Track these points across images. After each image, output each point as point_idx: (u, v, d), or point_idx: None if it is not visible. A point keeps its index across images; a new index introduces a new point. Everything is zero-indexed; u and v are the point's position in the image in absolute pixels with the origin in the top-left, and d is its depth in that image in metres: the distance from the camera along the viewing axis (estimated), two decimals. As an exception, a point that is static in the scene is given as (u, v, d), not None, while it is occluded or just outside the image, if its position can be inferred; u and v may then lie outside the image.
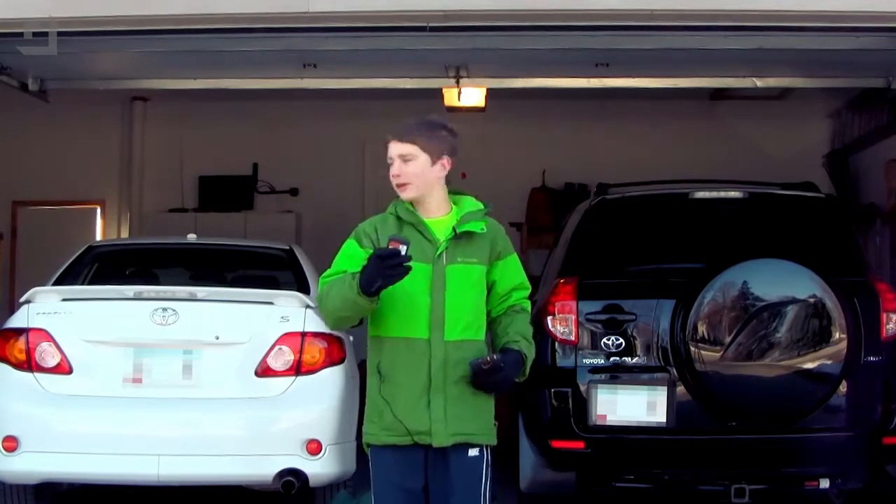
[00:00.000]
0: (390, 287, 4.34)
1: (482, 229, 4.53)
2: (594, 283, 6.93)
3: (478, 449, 4.50)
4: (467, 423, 4.48)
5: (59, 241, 11.68)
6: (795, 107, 12.93)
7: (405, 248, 4.27)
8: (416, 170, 4.48)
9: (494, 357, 4.47)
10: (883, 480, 7.11)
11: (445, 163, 4.53)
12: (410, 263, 4.31)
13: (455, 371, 4.46)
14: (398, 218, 4.55)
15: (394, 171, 4.49)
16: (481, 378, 4.44)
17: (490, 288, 4.59)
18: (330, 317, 4.52)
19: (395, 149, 4.50)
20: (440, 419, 4.43)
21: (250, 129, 13.73)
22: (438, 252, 4.47)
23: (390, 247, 4.27)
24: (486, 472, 4.52)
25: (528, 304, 4.68)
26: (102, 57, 9.52)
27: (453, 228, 4.50)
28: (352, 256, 4.51)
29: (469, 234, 4.51)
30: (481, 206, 4.60)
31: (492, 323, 4.65)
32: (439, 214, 4.55)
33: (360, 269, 4.36)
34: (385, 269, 4.25)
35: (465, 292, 4.48)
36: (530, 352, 4.57)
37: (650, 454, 6.79)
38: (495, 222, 4.63)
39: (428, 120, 4.58)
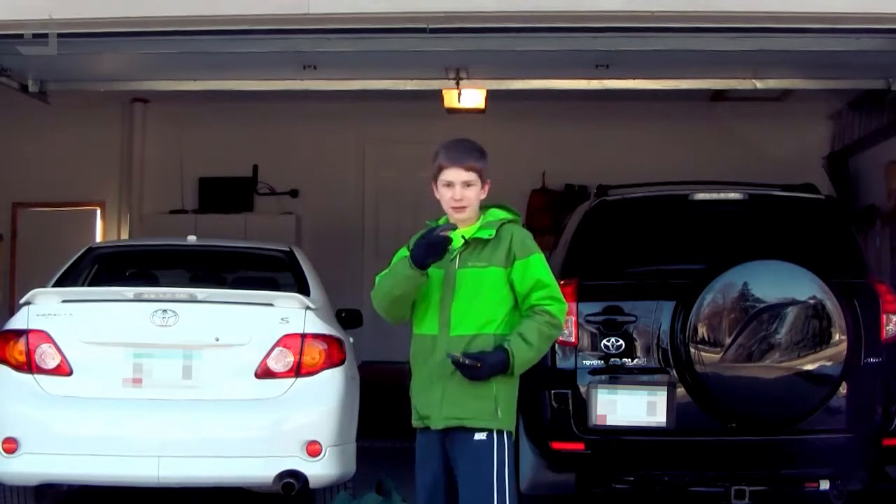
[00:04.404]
0: (423, 290, 4.88)
1: (489, 235, 4.90)
2: (594, 284, 6.93)
3: (485, 434, 4.82)
4: (462, 407, 4.81)
5: (59, 242, 11.68)
6: (795, 108, 12.93)
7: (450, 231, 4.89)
8: (474, 194, 4.94)
9: (461, 356, 4.76)
10: (883, 482, 7.11)
11: (486, 186, 4.99)
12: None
13: None
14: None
15: (457, 195, 4.92)
16: (459, 369, 4.77)
17: (513, 289, 4.88)
18: (384, 300, 4.96)
19: (459, 175, 4.91)
20: (436, 404, 4.85)
21: (250, 130, 13.73)
22: (451, 258, 4.88)
23: (442, 234, 4.79)
24: (498, 457, 4.81)
25: (549, 304, 4.89)
26: (102, 58, 9.51)
27: (462, 237, 4.89)
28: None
29: (481, 241, 4.90)
30: (503, 215, 4.99)
31: None
32: (468, 226, 4.96)
33: None
34: (434, 249, 4.77)
35: (474, 293, 4.86)
36: (520, 350, 4.82)
37: (650, 455, 6.79)
38: (515, 228, 4.98)
39: (480, 147, 5.01)
